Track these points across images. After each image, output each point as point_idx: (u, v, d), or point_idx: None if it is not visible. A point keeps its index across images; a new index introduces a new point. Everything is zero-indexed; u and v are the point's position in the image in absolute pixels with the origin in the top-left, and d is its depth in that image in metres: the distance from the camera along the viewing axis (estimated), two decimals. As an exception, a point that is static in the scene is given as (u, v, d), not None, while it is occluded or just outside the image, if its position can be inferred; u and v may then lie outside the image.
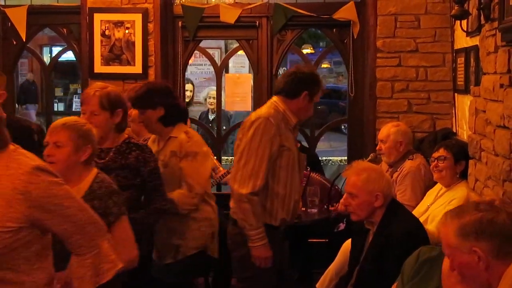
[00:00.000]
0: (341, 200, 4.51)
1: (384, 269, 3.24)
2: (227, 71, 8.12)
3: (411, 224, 3.45)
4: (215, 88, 8.45)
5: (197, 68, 11.77)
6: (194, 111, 9.48)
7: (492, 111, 3.77)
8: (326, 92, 15.46)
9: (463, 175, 4.35)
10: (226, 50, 11.73)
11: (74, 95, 12.88)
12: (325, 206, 5.26)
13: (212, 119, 7.97)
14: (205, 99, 8.31)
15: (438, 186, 4.41)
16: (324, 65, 15.02)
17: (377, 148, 4.89)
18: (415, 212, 4.21)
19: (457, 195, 4.14)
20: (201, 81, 11.91)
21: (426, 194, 4.49)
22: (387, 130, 4.86)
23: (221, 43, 11.69)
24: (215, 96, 7.95)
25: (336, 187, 5.31)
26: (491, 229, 2.19)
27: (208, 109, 8.29)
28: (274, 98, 3.82)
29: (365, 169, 3.54)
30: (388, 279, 3.04)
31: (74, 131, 2.97)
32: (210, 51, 7.00)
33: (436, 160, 4.32)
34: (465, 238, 2.21)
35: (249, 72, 10.19)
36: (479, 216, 2.22)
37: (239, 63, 11.34)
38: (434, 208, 4.22)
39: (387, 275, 3.09)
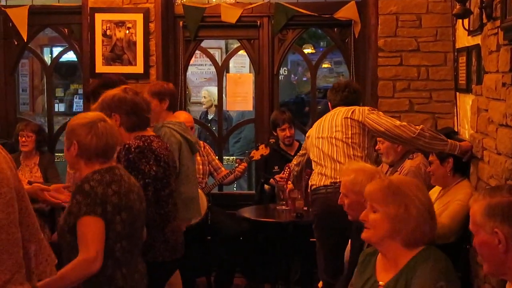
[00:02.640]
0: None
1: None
2: (228, 71, 8.11)
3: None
4: (209, 88, 8.50)
5: (198, 69, 11.74)
6: (195, 111, 9.48)
7: (494, 110, 3.76)
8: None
9: (463, 173, 4.35)
10: (227, 50, 11.70)
11: (75, 96, 12.85)
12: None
13: (211, 119, 7.98)
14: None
15: (438, 187, 4.41)
16: (324, 65, 14.96)
17: (376, 148, 4.89)
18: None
19: (459, 196, 4.13)
20: (201, 81, 11.90)
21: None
22: None
23: (222, 43, 11.66)
24: (206, 96, 8.02)
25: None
26: None
27: (207, 109, 8.31)
28: None
29: (354, 170, 3.58)
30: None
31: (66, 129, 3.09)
32: (211, 51, 6.99)
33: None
34: (491, 218, 2.21)
35: (250, 72, 10.20)
36: (510, 200, 2.22)
37: (240, 63, 11.30)
38: (436, 209, 4.21)
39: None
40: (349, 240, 3.96)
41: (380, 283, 2.73)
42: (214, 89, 7.86)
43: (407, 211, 2.67)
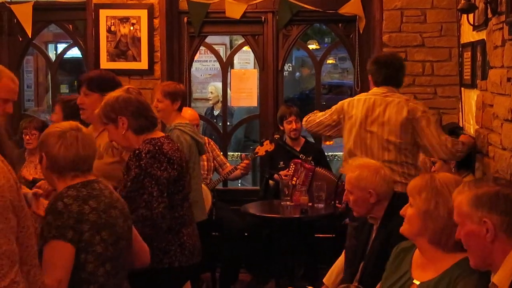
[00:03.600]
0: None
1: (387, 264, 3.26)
2: (232, 67, 8.11)
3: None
4: (215, 83, 8.49)
5: (202, 65, 11.75)
6: (200, 108, 9.48)
7: (499, 105, 3.76)
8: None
9: (468, 168, 4.35)
10: (231, 47, 11.71)
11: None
12: (332, 202, 5.26)
13: (217, 115, 7.98)
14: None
15: None
16: (329, 61, 14.95)
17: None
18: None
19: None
20: (206, 77, 11.91)
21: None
22: None
23: (226, 39, 11.66)
24: (213, 91, 8.00)
25: (343, 183, 5.30)
26: (505, 205, 2.20)
27: (213, 105, 8.31)
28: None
29: (358, 166, 3.57)
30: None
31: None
32: (215, 47, 6.99)
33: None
34: (478, 208, 2.22)
35: (254, 68, 10.19)
36: (497, 189, 2.24)
37: (244, 59, 11.30)
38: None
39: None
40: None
41: (415, 281, 2.66)
42: (220, 85, 7.87)
43: (437, 209, 2.58)
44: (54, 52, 12.12)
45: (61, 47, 11.85)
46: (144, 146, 3.31)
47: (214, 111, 8.16)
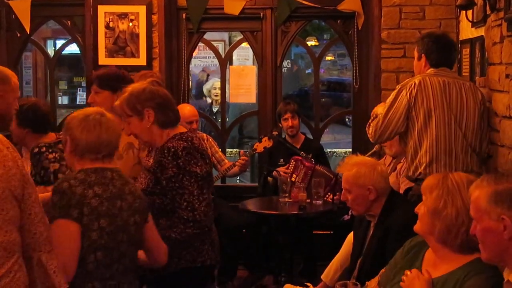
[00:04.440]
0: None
1: (385, 261, 3.25)
2: (231, 64, 8.10)
3: (410, 216, 3.44)
4: (219, 80, 8.43)
5: (201, 61, 11.76)
6: (196, 104, 9.47)
7: (498, 102, 3.76)
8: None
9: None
10: (230, 43, 11.72)
11: (78, 88, 12.87)
12: (329, 199, 5.27)
13: (216, 111, 7.96)
14: (209, 91, 8.28)
15: None
16: (328, 58, 14.98)
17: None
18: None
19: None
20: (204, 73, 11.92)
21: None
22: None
23: (225, 35, 11.68)
24: (218, 87, 7.94)
25: (339, 178, 5.30)
26: None
27: (212, 101, 8.27)
28: None
29: (355, 164, 3.56)
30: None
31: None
32: (214, 44, 6.99)
33: None
34: (497, 204, 2.20)
35: (253, 65, 10.17)
36: None
37: (243, 55, 11.31)
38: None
39: (388, 267, 3.10)
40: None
41: None
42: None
43: (445, 208, 2.55)
44: (53, 48, 12.12)
45: (59, 43, 11.83)
46: (178, 143, 3.15)
47: (213, 108, 8.13)
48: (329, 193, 5.32)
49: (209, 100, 8.57)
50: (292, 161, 5.53)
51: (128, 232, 2.76)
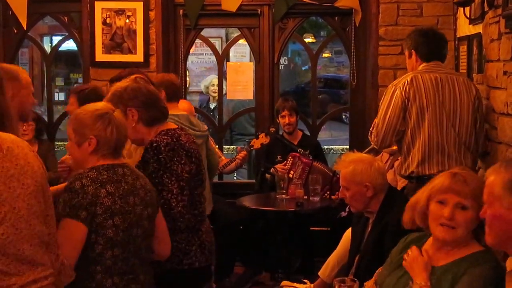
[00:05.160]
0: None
1: (383, 258, 3.26)
2: (228, 60, 8.09)
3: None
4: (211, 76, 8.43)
5: (198, 58, 11.78)
6: (195, 101, 9.47)
7: (496, 99, 3.76)
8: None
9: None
10: (227, 40, 11.72)
11: (75, 85, 12.89)
12: (327, 196, 5.28)
13: (214, 108, 7.95)
14: (207, 88, 8.27)
15: None
16: (325, 55, 14.99)
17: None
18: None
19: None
20: (201, 70, 11.92)
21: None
22: None
23: (222, 32, 11.68)
24: (216, 84, 7.92)
25: (338, 177, 5.30)
26: None
27: (209, 98, 8.27)
28: None
29: (352, 161, 3.56)
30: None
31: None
32: (211, 40, 6.98)
33: None
34: (511, 192, 2.15)
35: (250, 61, 10.17)
36: None
37: (240, 52, 11.32)
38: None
39: (386, 263, 3.11)
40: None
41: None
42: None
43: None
44: (50, 44, 12.12)
45: (56, 39, 11.83)
46: (161, 138, 3.09)
47: (210, 104, 8.12)
48: (328, 192, 5.32)
49: (205, 97, 8.56)
50: (290, 157, 5.53)
51: (142, 226, 2.77)
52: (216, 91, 7.47)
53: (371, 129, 4.08)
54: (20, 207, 2.05)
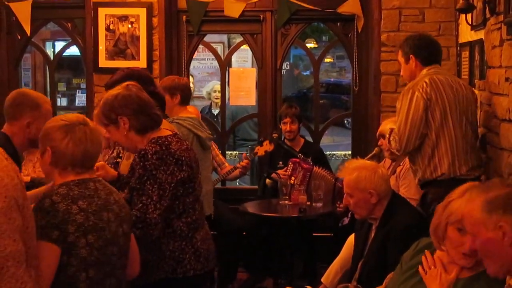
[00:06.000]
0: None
1: (387, 263, 3.27)
2: (230, 66, 8.11)
3: (411, 218, 3.48)
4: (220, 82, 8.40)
5: (200, 63, 11.78)
6: (198, 106, 9.46)
7: (497, 105, 3.78)
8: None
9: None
10: (229, 45, 11.74)
11: (77, 90, 12.89)
12: (337, 204, 5.26)
13: (217, 114, 7.94)
14: (209, 94, 8.27)
15: None
16: (327, 60, 14.99)
17: (379, 143, 4.88)
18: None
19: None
20: (203, 75, 11.92)
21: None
22: (386, 126, 4.81)
23: (224, 37, 11.69)
24: (218, 89, 7.92)
25: (340, 185, 5.29)
26: None
27: (211, 104, 8.26)
28: None
29: (355, 168, 3.57)
30: (389, 273, 3.07)
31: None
32: (213, 46, 7.00)
33: None
34: (492, 212, 2.14)
35: (252, 67, 10.18)
36: (507, 190, 2.18)
37: (242, 57, 11.34)
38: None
39: (390, 269, 3.12)
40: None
41: None
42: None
43: None
44: (52, 50, 12.12)
45: (58, 44, 11.85)
46: (150, 147, 3.04)
47: (213, 110, 8.11)
48: (338, 202, 5.24)
49: (207, 103, 8.55)
50: (290, 163, 5.53)
51: (118, 244, 2.63)
52: (219, 97, 7.49)
53: (388, 136, 4.08)
54: None
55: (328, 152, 8.06)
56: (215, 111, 7.92)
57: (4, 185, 1.99)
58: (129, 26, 5.87)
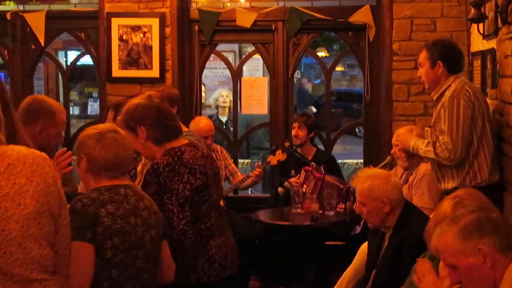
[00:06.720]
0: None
1: (400, 273, 3.28)
2: (241, 75, 8.14)
3: (424, 228, 3.47)
4: (225, 89, 8.44)
5: (211, 72, 11.80)
6: (207, 115, 9.47)
7: (510, 114, 3.78)
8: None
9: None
10: (240, 54, 11.77)
11: (89, 99, 12.97)
12: (342, 209, 5.27)
13: (226, 121, 7.95)
14: (216, 100, 8.27)
15: None
16: (338, 68, 14.99)
17: (392, 151, 4.89)
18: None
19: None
20: (215, 84, 11.95)
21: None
22: (405, 136, 4.80)
23: (235, 46, 11.71)
24: (227, 95, 7.95)
25: (348, 187, 5.30)
26: (490, 225, 2.23)
27: (218, 110, 8.25)
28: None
29: (368, 177, 3.59)
30: (403, 282, 3.08)
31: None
32: (224, 54, 7.03)
33: None
34: (468, 238, 2.22)
35: (263, 76, 10.20)
36: (475, 216, 2.26)
37: (253, 66, 11.36)
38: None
39: (402, 279, 3.12)
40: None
41: None
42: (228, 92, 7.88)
43: None
44: (64, 59, 12.21)
45: (70, 53, 11.94)
46: (162, 159, 3.12)
47: (220, 117, 8.10)
48: (341, 203, 5.32)
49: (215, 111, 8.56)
50: (303, 171, 5.54)
51: (144, 248, 2.72)
52: (226, 101, 7.54)
53: (432, 149, 3.96)
54: (12, 229, 1.91)
55: (339, 161, 8.06)
56: (223, 118, 7.93)
57: (39, 190, 2.00)
58: (142, 36, 5.91)
